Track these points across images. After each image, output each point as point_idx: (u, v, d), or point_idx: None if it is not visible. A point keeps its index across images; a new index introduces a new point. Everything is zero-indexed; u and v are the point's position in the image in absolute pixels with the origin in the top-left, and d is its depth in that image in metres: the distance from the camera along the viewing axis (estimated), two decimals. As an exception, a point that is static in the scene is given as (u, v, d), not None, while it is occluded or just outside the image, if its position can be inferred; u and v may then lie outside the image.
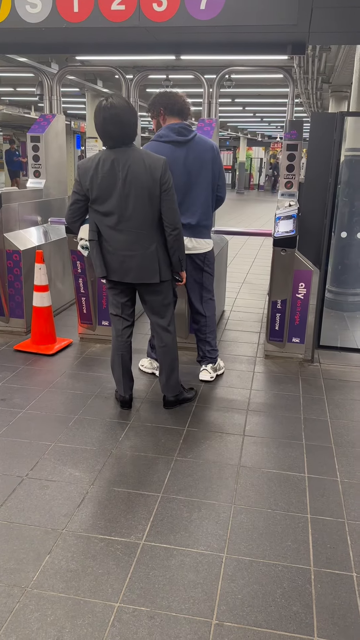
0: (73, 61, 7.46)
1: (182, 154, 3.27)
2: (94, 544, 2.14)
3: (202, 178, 3.34)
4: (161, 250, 2.99)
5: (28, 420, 3.09)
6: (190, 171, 3.29)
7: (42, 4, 3.83)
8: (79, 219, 3.03)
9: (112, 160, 2.82)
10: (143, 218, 2.90)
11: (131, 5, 3.72)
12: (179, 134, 3.28)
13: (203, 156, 3.32)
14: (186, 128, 3.30)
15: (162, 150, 3.22)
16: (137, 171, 2.82)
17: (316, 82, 10.06)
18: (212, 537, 2.19)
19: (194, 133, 3.34)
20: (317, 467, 2.71)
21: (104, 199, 2.87)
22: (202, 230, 3.44)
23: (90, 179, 2.85)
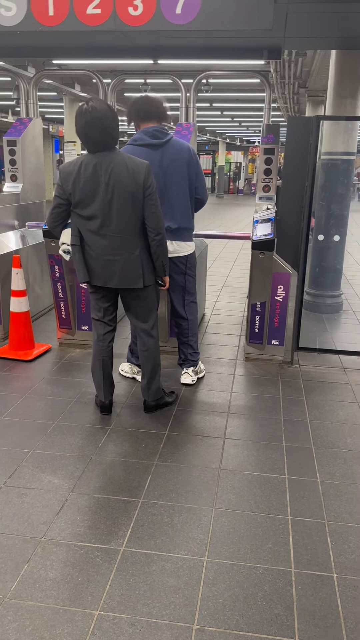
0: (50, 65, 7.43)
1: (157, 156, 3.26)
2: (73, 552, 2.11)
3: (179, 180, 3.33)
4: (144, 255, 2.98)
5: (5, 428, 3.05)
6: (165, 174, 3.29)
7: (16, 8, 3.80)
8: (61, 224, 3.00)
9: (94, 164, 2.80)
10: (126, 222, 2.88)
11: (107, 9, 3.71)
12: (154, 137, 3.28)
13: (178, 158, 3.31)
14: (161, 131, 3.30)
15: (137, 153, 3.21)
16: (120, 175, 2.81)
17: (293, 87, 10.18)
18: (193, 541, 2.18)
19: (170, 136, 3.34)
20: (297, 469, 2.72)
21: (87, 203, 2.85)
22: (183, 233, 3.44)
23: (73, 183, 2.83)
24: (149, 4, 3.66)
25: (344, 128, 5.03)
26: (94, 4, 3.70)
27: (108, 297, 3.12)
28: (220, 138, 28.17)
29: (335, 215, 5.15)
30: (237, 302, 5.98)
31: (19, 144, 4.91)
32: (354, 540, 2.21)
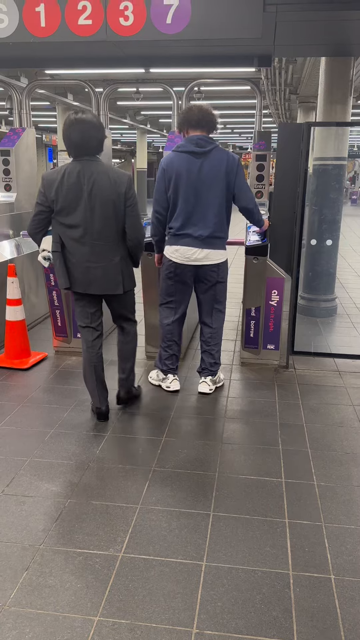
0: (42, 75, 7.47)
1: (197, 164, 3.31)
2: (72, 559, 2.12)
3: (215, 190, 3.34)
4: (124, 262, 3.07)
5: (3, 436, 3.05)
6: (202, 182, 3.32)
7: (8, 19, 3.84)
8: (42, 230, 3.07)
9: (77, 172, 2.87)
10: (108, 231, 2.96)
11: (98, 20, 3.75)
12: (197, 145, 3.32)
13: (218, 167, 3.33)
14: (205, 140, 3.34)
15: (178, 159, 3.32)
16: (101, 184, 2.89)
17: (284, 93, 10.26)
18: (191, 545, 2.19)
19: (214, 145, 3.36)
20: (294, 472, 2.74)
21: (69, 211, 2.91)
22: (215, 242, 3.43)
23: (56, 191, 2.89)
24: (139, 14, 3.70)
25: (334, 134, 5.08)
26: (85, 14, 3.74)
27: (93, 303, 3.16)
28: (213, 145, 28.29)
29: (327, 219, 5.20)
30: (232, 307, 5.99)
31: (12, 154, 4.94)
32: (351, 542, 2.23)
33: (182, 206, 3.35)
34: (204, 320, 3.69)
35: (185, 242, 3.40)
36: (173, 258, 3.45)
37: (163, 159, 3.42)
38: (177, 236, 3.41)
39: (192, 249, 3.41)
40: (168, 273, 3.52)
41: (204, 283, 3.54)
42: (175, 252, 3.44)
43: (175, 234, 3.42)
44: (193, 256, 3.42)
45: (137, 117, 15.74)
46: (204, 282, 3.54)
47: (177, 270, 3.48)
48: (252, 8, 3.58)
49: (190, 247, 3.40)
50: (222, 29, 3.67)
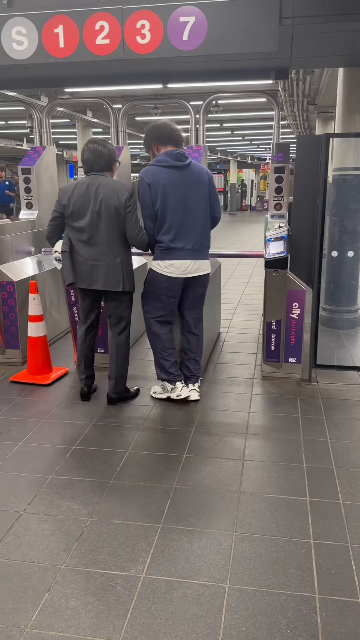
0: (62, 93, 7.60)
1: (181, 178, 3.42)
2: (93, 579, 2.09)
3: (200, 201, 3.48)
4: (125, 263, 3.46)
5: (25, 453, 3.06)
6: (188, 195, 3.43)
7: (28, 42, 3.91)
8: (57, 234, 3.54)
9: (87, 184, 3.38)
10: (111, 233, 3.38)
11: (115, 39, 3.80)
12: (177, 159, 3.43)
13: (199, 180, 3.47)
14: (182, 154, 3.47)
15: (161, 174, 3.39)
16: (106, 193, 3.35)
17: (302, 104, 10.25)
18: (214, 567, 2.15)
19: (190, 159, 3.49)
20: (319, 490, 2.68)
21: (79, 215, 3.38)
22: (204, 252, 3.57)
23: (68, 198, 3.39)
24: (156, 32, 3.74)
25: (354, 144, 5.04)
26: (103, 34, 3.79)
27: (93, 302, 3.62)
28: (231, 157, 28.38)
29: (348, 230, 5.14)
30: (252, 319, 5.96)
31: (33, 172, 5.00)
32: (379, 563, 2.16)
33: (172, 220, 3.42)
34: (190, 330, 3.74)
35: (179, 256, 3.47)
36: (167, 273, 3.49)
37: (144, 175, 3.44)
38: (170, 250, 3.47)
39: (186, 262, 3.49)
40: (161, 289, 3.55)
41: (192, 293, 3.63)
42: (170, 266, 3.48)
43: (166, 248, 3.47)
44: (187, 269, 3.50)
45: (155, 131, 15.85)
46: (192, 293, 3.63)
47: (170, 285, 3.53)
48: (268, 22, 3.58)
49: (185, 260, 3.48)
50: (238, 44, 3.69)
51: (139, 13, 3.73)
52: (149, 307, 3.67)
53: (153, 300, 3.62)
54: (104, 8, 3.77)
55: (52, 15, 3.83)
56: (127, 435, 3.27)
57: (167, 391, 3.74)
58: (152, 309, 3.66)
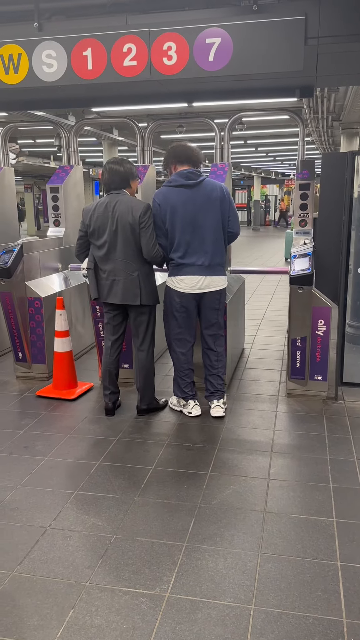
0: (89, 113, 7.76)
1: (191, 196, 3.49)
2: (118, 597, 2.09)
3: (211, 218, 3.53)
4: (142, 277, 3.56)
5: (50, 468, 3.08)
6: (198, 212, 3.49)
7: (57, 64, 4.02)
8: (84, 252, 3.72)
9: (106, 203, 3.54)
10: (127, 249, 3.51)
11: (142, 61, 3.88)
12: (187, 178, 3.50)
13: (211, 197, 3.52)
14: (194, 173, 3.53)
15: (171, 194, 3.49)
16: (122, 211, 3.48)
17: (326, 121, 10.26)
18: (239, 587, 2.13)
19: (203, 177, 3.55)
20: (346, 511, 2.63)
21: (99, 233, 3.54)
22: (216, 268, 3.61)
23: (90, 217, 3.56)
24: (182, 53, 3.81)
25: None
26: (130, 56, 3.88)
27: (117, 316, 3.73)
28: (255, 173, 28.47)
29: (374, 247, 5.09)
30: (277, 335, 5.93)
31: (61, 191, 5.11)
32: None
33: (180, 237, 3.50)
34: (209, 347, 3.77)
35: (190, 272, 3.54)
36: (178, 288, 3.57)
37: (156, 196, 3.56)
38: (180, 266, 3.55)
39: (196, 277, 3.55)
40: (174, 304, 3.61)
41: (206, 310, 3.67)
42: (181, 282, 3.56)
43: (177, 264, 3.55)
44: (198, 284, 3.56)
45: (180, 148, 16.04)
46: (206, 309, 3.66)
47: (182, 300, 3.59)
48: (293, 42, 3.62)
49: (194, 276, 3.54)
50: (263, 64, 3.73)
51: (166, 35, 3.81)
52: (168, 324, 3.73)
53: (170, 317, 3.68)
54: (132, 31, 3.87)
55: (81, 39, 3.94)
56: (151, 451, 3.27)
57: (182, 406, 3.83)
58: (170, 327, 3.72)
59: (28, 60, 4.05)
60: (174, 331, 3.71)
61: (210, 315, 3.69)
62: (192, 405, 3.79)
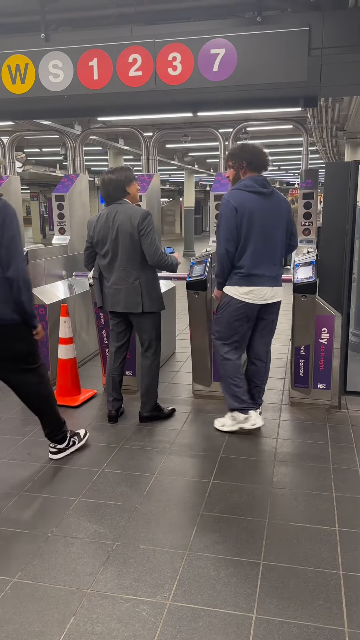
0: (95, 122, 7.83)
1: (266, 205, 3.40)
2: (119, 605, 2.08)
3: (279, 229, 3.47)
4: (144, 285, 3.57)
5: (53, 475, 3.09)
6: (270, 222, 3.41)
7: (64, 74, 4.07)
8: (91, 262, 3.78)
9: (107, 214, 3.58)
10: (128, 258, 3.53)
11: (148, 71, 3.92)
12: (263, 186, 3.40)
13: (281, 208, 3.46)
14: (267, 181, 3.45)
15: (248, 199, 3.35)
16: (122, 220, 3.50)
17: (331, 130, 10.29)
18: (241, 596, 2.12)
19: (272, 187, 3.47)
20: (349, 520, 2.62)
21: (102, 243, 3.59)
22: (279, 279, 3.56)
23: (93, 229, 3.62)
24: (187, 64, 3.84)
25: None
26: (136, 66, 3.92)
27: (121, 324, 3.76)
28: (261, 181, 28.53)
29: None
30: (280, 344, 5.92)
31: (66, 199, 5.14)
32: None
33: (253, 246, 3.38)
34: (259, 358, 3.71)
35: (259, 282, 3.43)
36: (245, 299, 3.44)
37: (230, 198, 3.38)
38: (250, 277, 3.41)
39: (265, 289, 3.45)
40: (238, 314, 3.49)
41: (264, 320, 3.60)
42: (249, 293, 3.43)
43: (247, 274, 3.41)
44: (265, 296, 3.47)
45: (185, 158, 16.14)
46: (264, 319, 3.59)
47: (247, 311, 3.48)
48: (297, 52, 3.65)
49: (264, 287, 3.44)
50: (267, 74, 3.76)
51: (171, 46, 3.85)
52: (223, 333, 3.59)
53: (227, 326, 3.54)
54: (137, 42, 3.91)
55: (87, 49, 3.99)
56: (154, 459, 3.27)
57: (239, 422, 3.58)
58: (225, 335, 3.58)
59: (35, 71, 4.10)
60: (232, 339, 3.58)
61: (268, 325, 3.63)
62: (255, 416, 3.58)
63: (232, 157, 3.47)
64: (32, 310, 2.88)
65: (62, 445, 3.27)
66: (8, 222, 2.73)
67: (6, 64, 4.13)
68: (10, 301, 2.80)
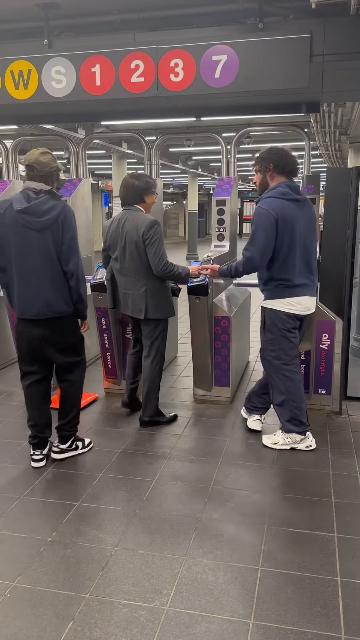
0: (98, 127, 7.86)
1: (302, 213, 3.28)
2: (117, 610, 2.09)
3: (314, 237, 3.40)
4: (150, 292, 3.63)
5: (54, 480, 3.10)
6: (307, 231, 3.31)
7: (66, 80, 4.10)
8: (107, 263, 3.90)
9: (118, 220, 3.69)
10: (135, 265, 3.61)
11: (150, 77, 3.94)
12: (298, 193, 3.30)
13: (312, 216, 3.39)
14: (299, 188, 3.37)
15: (287, 208, 3.20)
16: (129, 228, 3.59)
17: (334, 135, 10.30)
18: (238, 602, 2.13)
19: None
20: (348, 526, 2.63)
21: (113, 249, 3.71)
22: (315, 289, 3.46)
23: (106, 233, 3.76)
24: (189, 70, 3.86)
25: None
26: (138, 73, 3.94)
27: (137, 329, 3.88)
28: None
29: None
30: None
31: (69, 203, 5.15)
32: None
33: (296, 256, 3.24)
34: None
35: (303, 292, 3.32)
36: (293, 310, 3.31)
37: (270, 207, 3.19)
38: (295, 287, 3.29)
39: (311, 298, 3.38)
40: (290, 327, 3.34)
41: (300, 331, 3.49)
42: (297, 304, 3.31)
43: (294, 285, 3.28)
44: (311, 305, 3.39)
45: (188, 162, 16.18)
46: (300, 330, 3.48)
47: (295, 322, 3.36)
48: (298, 59, 3.67)
49: (309, 297, 3.36)
50: (269, 81, 3.77)
51: (173, 52, 3.87)
52: (279, 351, 3.37)
53: (281, 341, 3.36)
54: (140, 48, 3.93)
55: (89, 55, 4.01)
56: (154, 463, 3.28)
57: (294, 442, 3.46)
58: (284, 353, 3.37)
59: (37, 76, 4.13)
60: (290, 354, 3.38)
61: (303, 335, 3.57)
62: (311, 437, 3.48)
63: (258, 160, 3.35)
64: (86, 301, 3.20)
65: (64, 445, 3.32)
66: (68, 222, 3.05)
67: (9, 70, 4.16)
68: (64, 295, 3.09)
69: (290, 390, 3.41)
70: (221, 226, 4.72)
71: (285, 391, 3.42)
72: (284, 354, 3.38)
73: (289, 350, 3.38)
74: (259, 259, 3.24)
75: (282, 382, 3.42)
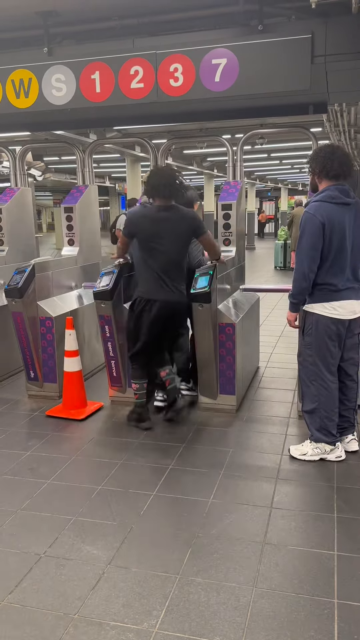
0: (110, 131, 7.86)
1: (350, 215, 3.18)
2: (105, 632, 2.05)
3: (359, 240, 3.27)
4: None
5: (52, 492, 3.07)
6: (352, 233, 3.20)
7: (66, 88, 4.09)
8: None
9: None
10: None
11: (149, 83, 3.91)
12: (347, 196, 3.18)
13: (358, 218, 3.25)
14: (350, 189, 3.23)
15: (334, 212, 3.11)
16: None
17: (349, 133, 10.13)
18: (230, 625, 2.06)
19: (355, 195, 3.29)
20: (349, 544, 2.54)
21: None
22: None
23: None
24: (188, 75, 3.82)
25: None
26: (137, 79, 3.91)
27: None
28: (282, 184, 28.35)
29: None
30: (293, 353, 5.79)
31: (75, 211, 5.15)
32: None
33: (342, 260, 3.16)
34: (350, 376, 3.41)
35: (348, 296, 3.21)
36: (336, 315, 3.20)
37: (316, 212, 3.11)
38: (341, 291, 3.19)
39: (356, 302, 3.25)
40: (330, 333, 3.23)
41: (350, 337, 3.32)
42: (339, 307, 3.20)
43: (337, 289, 3.19)
44: (356, 309, 3.26)
45: (203, 163, 16.13)
46: (350, 335, 3.32)
47: (337, 328, 3.24)
48: (299, 61, 3.60)
49: (354, 301, 3.23)
50: (269, 83, 3.71)
51: (172, 57, 3.83)
52: (317, 357, 3.29)
53: (321, 348, 3.26)
54: (139, 54, 3.90)
55: (89, 63, 3.99)
56: (154, 476, 3.23)
57: (324, 453, 3.36)
58: (320, 360, 3.29)
59: (38, 85, 4.13)
60: (329, 362, 3.28)
61: (354, 341, 3.35)
62: (341, 447, 3.39)
63: (308, 161, 3.27)
64: None
65: None
66: None
67: (10, 79, 4.17)
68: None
69: (322, 399, 3.31)
70: (227, 230, 4.67)
71: (317, 399, 3.32)
72: (321, 360, 3.28)
73: (328, 357, 3.28)
74: (308, 267, 3.14)
75: (316, 389, 3.32)
